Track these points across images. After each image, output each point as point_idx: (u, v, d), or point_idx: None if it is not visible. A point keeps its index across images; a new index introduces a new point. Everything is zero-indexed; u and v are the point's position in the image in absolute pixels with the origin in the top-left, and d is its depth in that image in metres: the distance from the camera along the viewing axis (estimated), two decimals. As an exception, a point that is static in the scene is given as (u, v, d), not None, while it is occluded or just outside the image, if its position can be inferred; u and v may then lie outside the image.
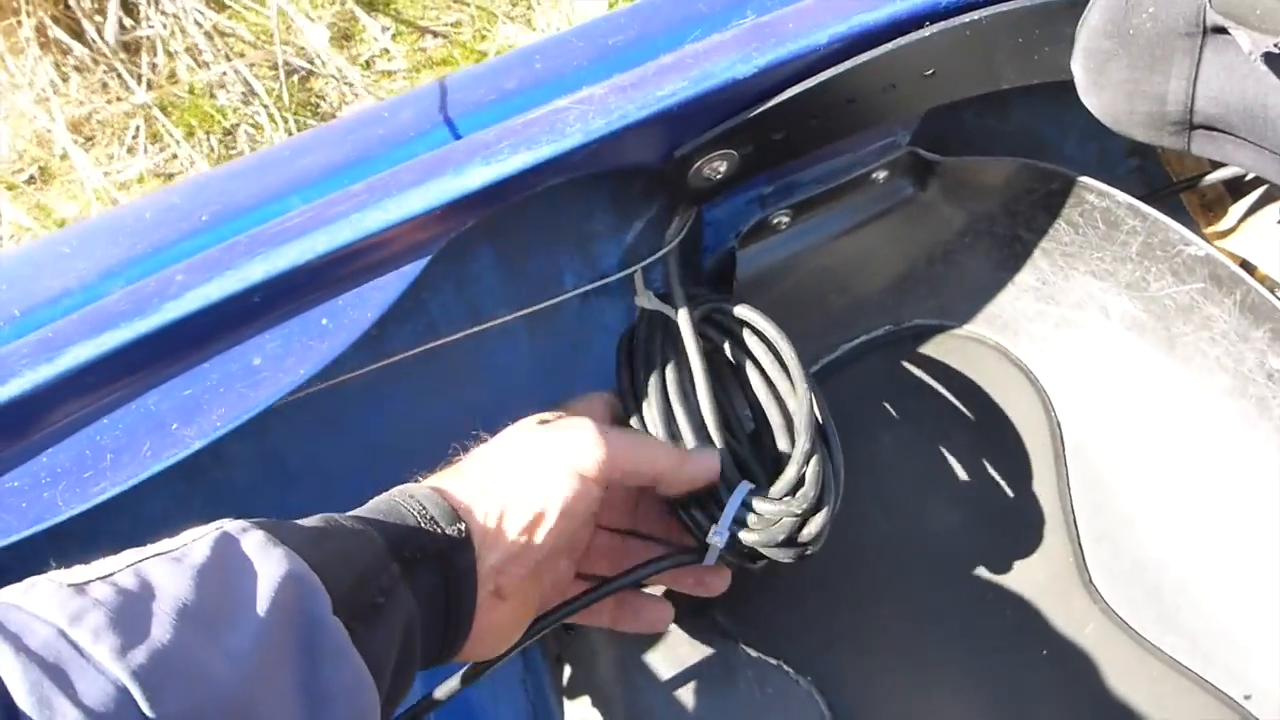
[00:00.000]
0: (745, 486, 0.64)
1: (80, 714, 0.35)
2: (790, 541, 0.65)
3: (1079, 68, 0.66)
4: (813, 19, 0.63)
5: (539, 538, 0.54)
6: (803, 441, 0.66)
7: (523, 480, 0.54)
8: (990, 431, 0.83)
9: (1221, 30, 0.55)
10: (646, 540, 0.69)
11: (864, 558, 0.79)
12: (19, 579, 0.39)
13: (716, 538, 0.63)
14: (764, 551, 0.65)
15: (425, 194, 0.56)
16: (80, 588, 0.38)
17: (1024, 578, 0.78)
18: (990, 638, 0.76)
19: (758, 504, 0.64)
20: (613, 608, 0.68)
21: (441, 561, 0.51)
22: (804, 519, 0.64)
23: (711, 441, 0.66)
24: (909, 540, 0.79)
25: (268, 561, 0.42)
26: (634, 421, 0.68)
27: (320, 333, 0.54)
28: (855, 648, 0.76)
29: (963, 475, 0.81)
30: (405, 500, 0.52)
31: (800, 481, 0.65)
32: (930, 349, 0.86)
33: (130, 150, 1.61)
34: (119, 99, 1.63)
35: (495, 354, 0.77)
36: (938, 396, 0.84)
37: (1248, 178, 0.90)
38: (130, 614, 0.38)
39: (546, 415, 0.61)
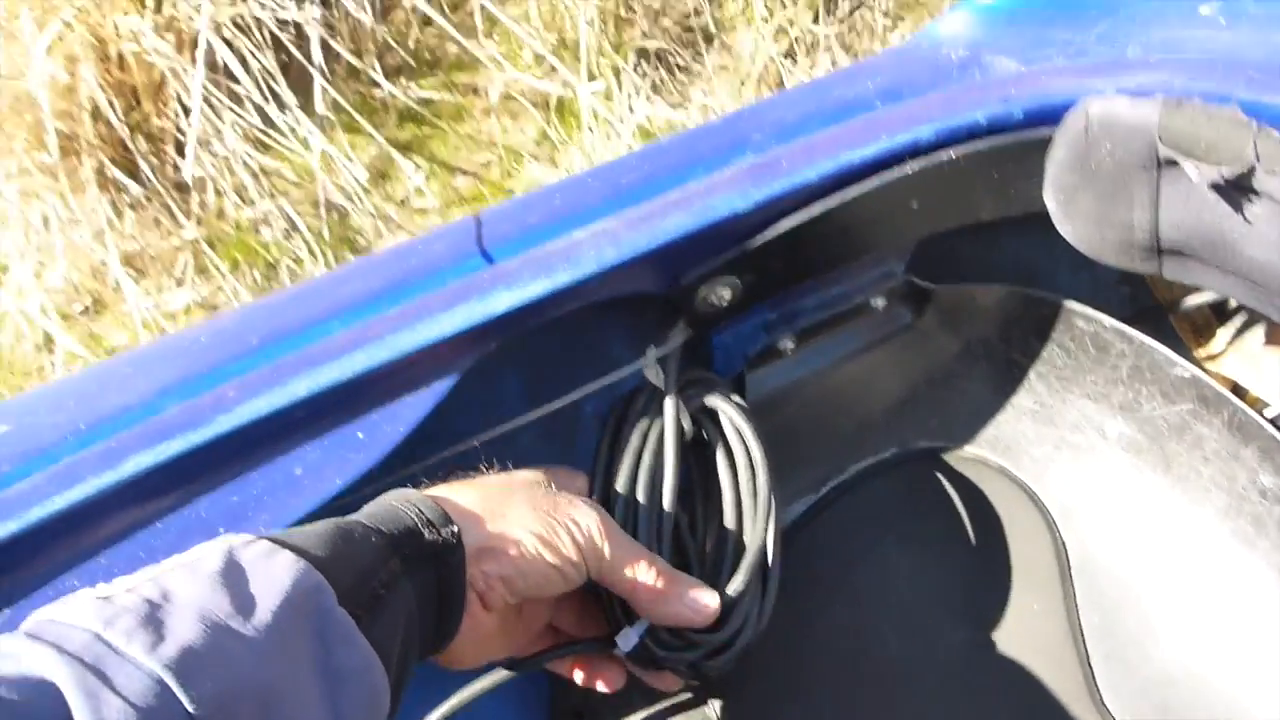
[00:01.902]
0: (639, 626, 0.66)
1: (125, 704, 0.38)
2: (694, 669, 0.68)
3: (1050, 200, 0.71)
4: (804, 158, 0.69)
5: (525, 568, 0.58)
6: (740, 580, 0.68)
7: (526, 521, 0.59)
8: (996, 552, 0.85)
9: (1174, 162, 0.60)
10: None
11: (872, 678, 0.80)
12: None
13: (624, 642, 0.65)
14: (666, 665, 0.67)
15: (453, 318, 0.61)
16: (108, 598, 0.43)
17: (1035, 697, 0.79)
18: (1003, 756, 0.77)
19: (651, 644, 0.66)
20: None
21: (436, 559, 0.55)
22: (716, 653, 0.67)
23: (660, 533, 0.68)
24: (918, 660, 0.81)
25: (274, 564, 0.47)
26: (595, 496, 0.69)
27: (356, 445, 0.59)
28: (866, 766, 0.77)
29: (971, 596, 0.83)
30: (403, 505, 0.55)
31: (727, 614, 0.67)
32: (935, 471, 0.88)
33: (179, 282, 1.69)
34: (170, 234, 1.72)
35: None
36: (944, 518, 0.87)
37: (1232, 302, 0.94)
38: (156, 616, 0.42)
39: (542, 476, 0.65)
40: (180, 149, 1.80)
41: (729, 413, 0.73)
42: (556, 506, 0.61)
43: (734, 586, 0.68)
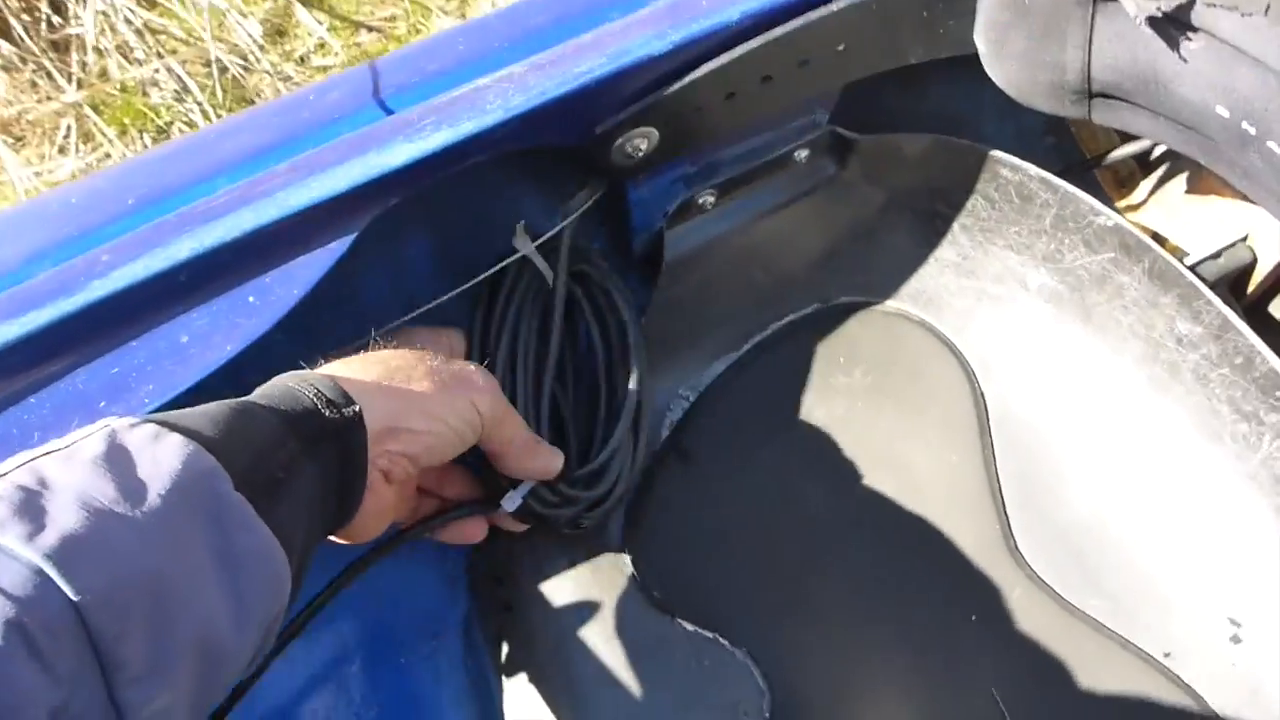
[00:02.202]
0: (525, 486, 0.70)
1: (3, 599, 0.36)
2: (572, 523, 0.74)
3: (981, 40, 0.68)
4: (727, -3, 0.64)
5: (432, 442, 0.59)
6: (618, 435, 0.73)
7: (427, 389, 0.59)
8: (917, 404, 0.85)
9: (1110, -1, 0.58)
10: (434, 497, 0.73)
11: (796, 530, 0.81)
12: None
13: (509, 503, 0.69)
14: (548, 521, 0.72)
15: (349, 171, 0.57)
16: None
17: (952, 545, 0.80)
18: (920, 604, 0.78)
19: (559, 484, 0.71)
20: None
21: (338, 439, 0.53)
22: (591, 507, 0.73)
23: (539, 402, 0.73)
24: (840, 512, 0.81)
25: (161, 447, 0.44)
26: (474, 359, 0.72)
27: (248, 310, 0.55)
28: (789, 618, 0.78)
29: (894, 447, 0.83)
30: (300, 385, 0.53)
31: (601, 472, 0.73)
32: (857, 325, 0.88)
33: (62, 150, 1.59)
34: (49, 98, 1.61)
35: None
36: (866, 371, 0.86)
37: (1154, 154, 0.93)
38: (32, 505, 0.39)
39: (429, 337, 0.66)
40: (55, 5, 1.67)
41: (597, 279, 0.76)
42: (455, 378, 0.61)
43: (606, 451, 0.73)
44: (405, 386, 0.58)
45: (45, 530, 0.38)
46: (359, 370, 0.57)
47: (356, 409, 0.53)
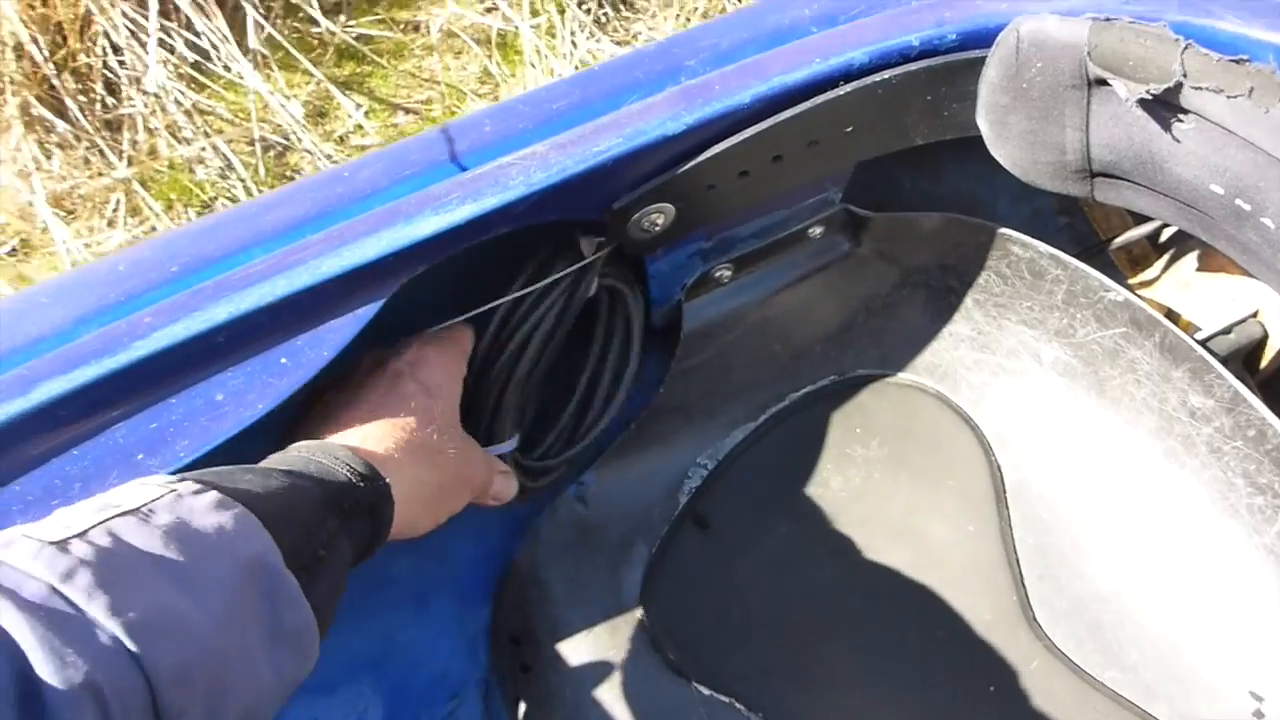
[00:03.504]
0: (510, 445, 0.76)
1: (88, 670, 0.37)
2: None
3: (983, 121, 0.71)
4: (737, 81, 0.68)
5: (440, 518, 0.64)
6: (571, 452, 0.80)
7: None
8: (935, 475, 0.86)
9: (1104, 81, 0.60)
10: None
11: (814, 598, 0.81)
12: None
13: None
14: None
15: (379, 242, 0.60)
16: (61, 545, 0.41)
17: (970, 616, 0.80)
18: (938, 674, 0.78)
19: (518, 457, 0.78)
20: None
21: (370, 514, 0.56)
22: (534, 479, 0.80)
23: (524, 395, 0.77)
24: (857, 581, 0.82)
25: (225, 519, 0.45)
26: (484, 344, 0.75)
27: (279, 370, 0.57)
28: (805, 684, 0.78)
29: (910, 517, 0.84)
30: (326, 457, 0.55)
31: (544, 472, 0.80)
32: (874, 397, 0.89)
33: (110, 223, 1.65)
34: (100, 174, 1.68)
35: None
36: (882, 443, 0.87)
37: (1165, 233, 0.95)
38: (115, 572, 0.40)
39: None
40: (109, 87, 1.75)
41: (628, 302, 0.80)
42: (462, 457, 0.66)
43: (565, 457, 0.80)
44: (413, 459, 0.61)
45: (128, 604, 0.40)
46: (368, 439, 0.59)
47: (385, 483, 0.56)
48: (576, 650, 0.78)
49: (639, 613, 0.80)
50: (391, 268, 0.61)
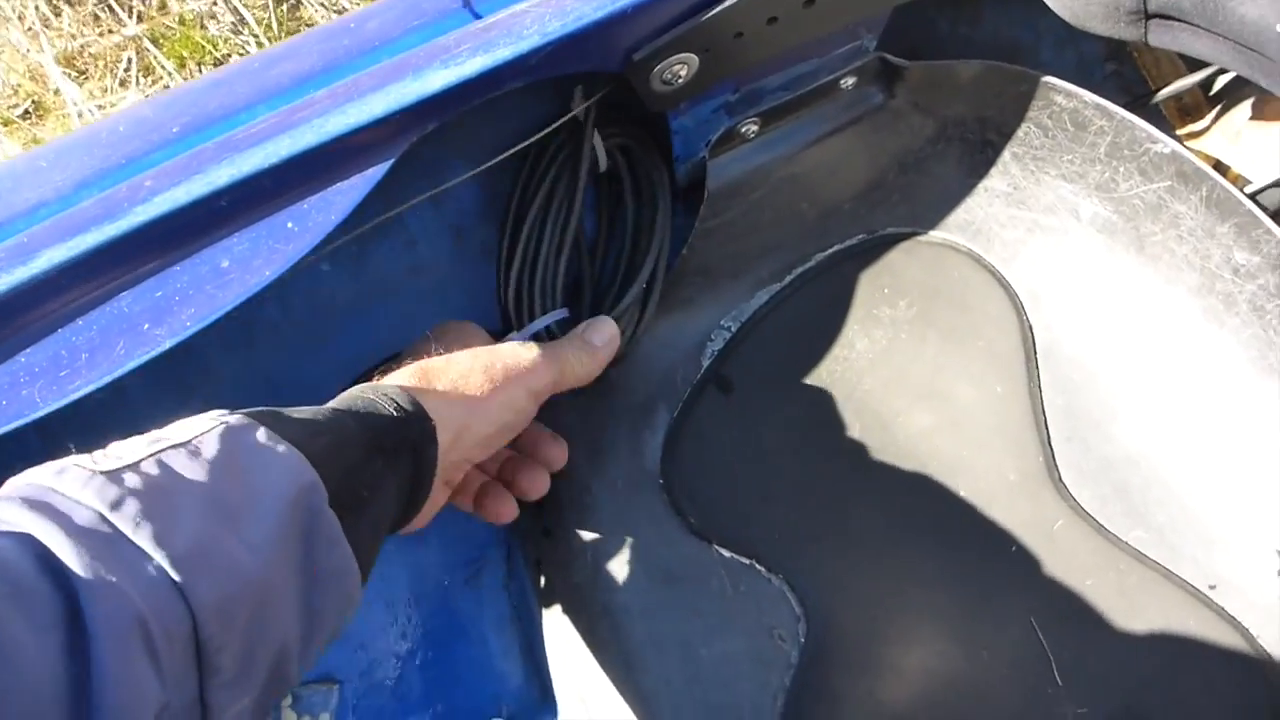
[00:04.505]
0: (556, 315, 0.76)
1: (133, 597, 0.37)
2: None
3: (1032, -40, 0.66)
4: (768, -84, 0.63)
5: (491, 444, 0.62)
6: (621, 306, 0.77)
7: (485, 392, 0.61)
8: (963, 336, 0.84)
9: (1166, -85, 0.55)
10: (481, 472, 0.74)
11: (837, 459, 0.81)
12: (6, 470, 0.42)
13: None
14: None
15: (386, 97, 0.57)
16: (112, 475, 0.41)
17: (995, 477, 0.79)
18: (961, 535, 0.78)
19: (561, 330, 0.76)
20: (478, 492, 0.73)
21: (414, 454, 0.55)
22: None
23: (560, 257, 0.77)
24: (882, 442, 0.81)
25: (274, 457, 0.45)
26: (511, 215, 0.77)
27: (286, 235, 0.55)
28: (826, 547, 0.78)
29: (937, 379, 0.83)
30: (379, 398, 0.55)
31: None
32: (903, 256, 0.87)
33: (123, 83, 1.61)
34: (110, 31, 1.63)
35: (475, 278, 0.79)
36: (910, 303, 0.85)
37: (1218, 82, 0.90)
38: (163, 503, 0.41)
39: (479, 332, 0.68)
40: (114, -62, 1.68)
41: (639, 155, 0.80)
42: (507, 372, 0.63)
43: (616, 311, 0.76)
44: (466, 393, 0.60)
45: (175, 535, 0.40)
46: (424, 381, 0.59)
47: (431, 424, 0.56)
48: (597, 513, 0.79)
49: (660, 476, 0.80)
50: (400, 125, 0.58)
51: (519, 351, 0.65)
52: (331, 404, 0.54)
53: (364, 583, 0.51)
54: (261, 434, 0.46)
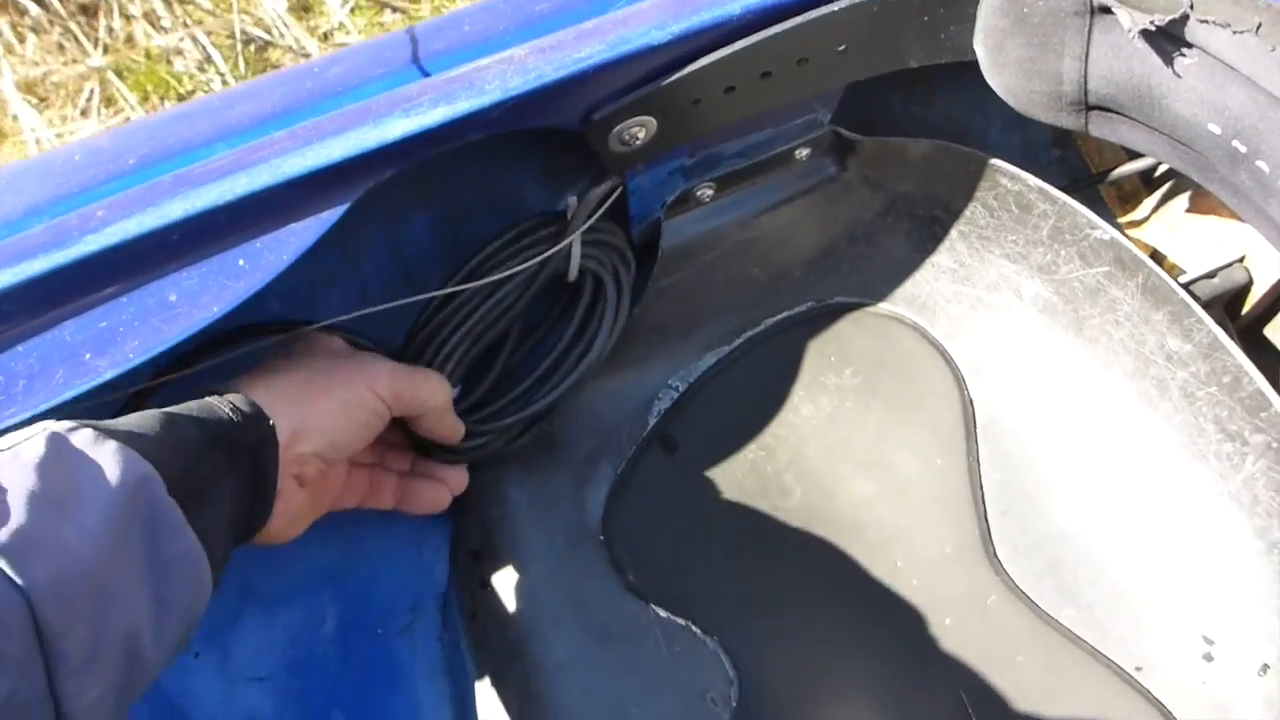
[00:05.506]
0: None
1: None
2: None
3: (980, 46, 0.69)
4: (729, -9, 0.65)
5: (337, 437, 0.62)
6: (514, 423, 0.77)
7: (329, 390, 0.62)
8: (906, 407, 0.85)
9: (1107, 10, 0.58)
10: (390, 472, 0.76)
11: (775, 524, 0.81)
12: None
13: None
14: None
15: (345, 142, 0.57)
16: None
17: (933, 548, 0.80)
18: (895, 605, 0.79)
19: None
20: (397, 490, 0.75)
21: (252, 454, 0.56)
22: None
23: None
24: (822, 509, 0.82)
25: (103, 451, 0.45)
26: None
27: (237, 273, 0.55)
28: (762, 610, 0.78)
29: (877, 448, 0.84)
30: (217, 400, 0.56)
31: (478, 434, 0.77)
32: (850, 325, 0.88)
33: (84, 112, 1.60)
34: (75, 61, 1.62)
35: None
36: (855, 372, 0.87)
37: (1158, 171, 0.93)
38: None
39: (337, 342, 0.68)
40: (86, -31, 1.68)
41: (609, 292, 0.78)
42: (349, 370, 0.64)
43: (514, 418, 0.77)
44: (307, 390, 0.61)
45: None
46: (263, 383, 0.60)
47: (270, 424, 0.57)
48: (536, 567, 0.78)
49: (600, 532, 0.80)
50: (358, 170, 0.58)
51: (360, 354, 0.67)
52: (167, 409, 0.54)
53: (217, 574, 0.51)
54: (86, 434, 0.46)
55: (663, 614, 0.77)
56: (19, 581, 0.39)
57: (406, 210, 0.75)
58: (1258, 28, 0.52)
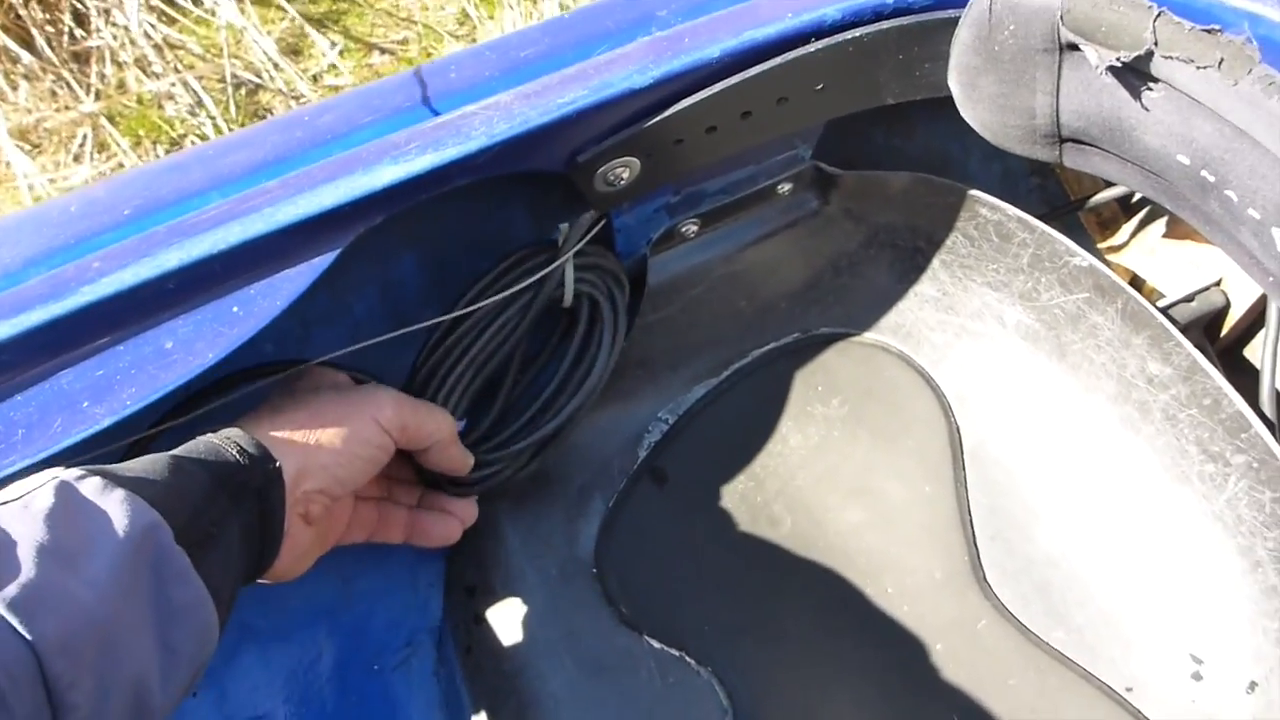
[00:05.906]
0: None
1: None
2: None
3: (954, 83, 0.70)
4: (707, 34, 0.67)
5: (341, 473, 0.62)
6: (523, 449, 0.78)
7: (333, 425, 0.62)
8: (894, 435, 0.86)
9: (1075, 47, 0.60)
10: (399, 506, 0.76)
11: (766, 554, 0.82)
12: None
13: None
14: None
15: (336, 190, 0.59)
16: None
17: (922, 575, 0.81)
18: (886, 632, 0.79)
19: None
20: (407, 523, 0.75)
21: (259, 496, 0.56)
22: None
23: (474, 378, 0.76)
24: (812, 537, 0.83)
25: (111, 500, 0.46)
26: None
27: (231, 320, 0.57)
28: (755, 640, 0.79)
29: (866, 476, 0.85)
30: (223, 442, 0.56)
31: (487, 464, 0.78)
32: (836, 356, 0.90)
33: (77, 158, 1.62)
34: (67, 107, 1.64)
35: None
36: (843, 402, 0.88)
37: (1135, 197, 0.95)
38: None
39: (340, 376, 0.69)
40: (77, 18, 1.71)
41: (605, 314, 0.79)
42: (352, 404, 0.65)
43: (515, 448, 0.78)
44: (311, 427, 0.61)
45: (7, 582, 0.40)
46: (269, 423, 0.60)
47: (276, 464, 0.57)
48: (530, 601, 0.79)
49: (593, 565, 0.80)
50: (348, 217, 0.60)
51: (364, 386, 0.68)
52: (173, 451, 0.54)
53: (224, 619, 0.52)
54: (95, 482, 0.47)
55: (656, 645, 0.77)
56: (28, 636, 0.40)
57: (396, 251, 0.77)
58: (1219, 63, 0.54)
